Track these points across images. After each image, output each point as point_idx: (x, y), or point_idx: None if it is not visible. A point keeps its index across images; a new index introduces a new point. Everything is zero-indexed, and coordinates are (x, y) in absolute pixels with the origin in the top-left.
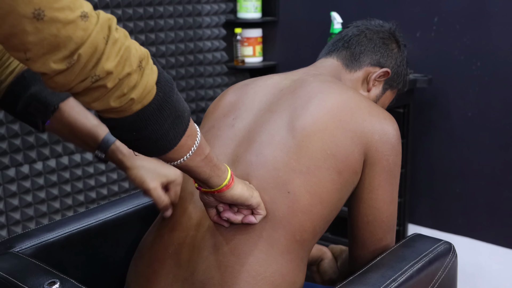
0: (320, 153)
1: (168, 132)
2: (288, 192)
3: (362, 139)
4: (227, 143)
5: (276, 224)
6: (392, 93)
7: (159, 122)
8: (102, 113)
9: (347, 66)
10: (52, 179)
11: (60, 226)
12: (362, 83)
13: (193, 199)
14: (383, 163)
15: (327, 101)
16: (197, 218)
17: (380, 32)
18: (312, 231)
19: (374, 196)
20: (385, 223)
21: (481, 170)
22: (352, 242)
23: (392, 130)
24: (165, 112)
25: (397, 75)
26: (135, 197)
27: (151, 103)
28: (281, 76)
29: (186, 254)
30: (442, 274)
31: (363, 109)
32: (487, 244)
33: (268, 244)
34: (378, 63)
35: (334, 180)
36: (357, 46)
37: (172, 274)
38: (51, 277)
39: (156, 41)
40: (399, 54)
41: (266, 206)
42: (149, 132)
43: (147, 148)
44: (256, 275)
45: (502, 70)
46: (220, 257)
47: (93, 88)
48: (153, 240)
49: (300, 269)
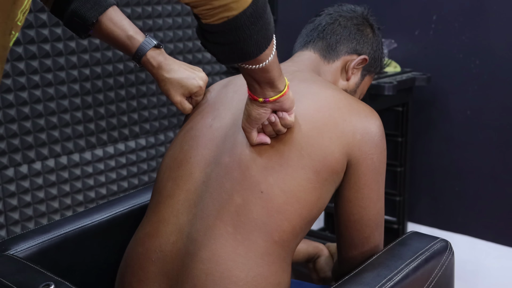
0: (294, 153)
1: (270, 23)
2: (262, 192)
3: (343, 140)
4: (205, 143)
5: (251, 226)
6: (371, 77)
7: (268, 12)
8: (218, 13)
9: (324, 57)
10: (51, 179)
11: (55, 227)
12: (341, 73)
13: (169, 203)
14: (368, 163)
15: (303, 102)
16: (174, 223)
17: (353, 18)
18: (292, 231)
19: (360, 196)
20: (372, 221)
21: (480, 168)
22: (341, 242)
23: (375, 127)
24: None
25: (374, 60)
26: (131, 198)
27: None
28: None
29: (170, 262)
30: (439, 272)
31: (342, 108)
32: (486, 242)
33: (245, 247)
34: (355, 51)
35: (311, 179)
36: (332, 35)
37: (158, 283)
38: (46, 279)
39: None
40: (375, 39)
41: (239, 209)
42: (262, 24)
43: (256, 44)
44: (238, 281)
45: (500, 68)
46: (200, 265)
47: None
48: (135, 248)
49: (284, 269)
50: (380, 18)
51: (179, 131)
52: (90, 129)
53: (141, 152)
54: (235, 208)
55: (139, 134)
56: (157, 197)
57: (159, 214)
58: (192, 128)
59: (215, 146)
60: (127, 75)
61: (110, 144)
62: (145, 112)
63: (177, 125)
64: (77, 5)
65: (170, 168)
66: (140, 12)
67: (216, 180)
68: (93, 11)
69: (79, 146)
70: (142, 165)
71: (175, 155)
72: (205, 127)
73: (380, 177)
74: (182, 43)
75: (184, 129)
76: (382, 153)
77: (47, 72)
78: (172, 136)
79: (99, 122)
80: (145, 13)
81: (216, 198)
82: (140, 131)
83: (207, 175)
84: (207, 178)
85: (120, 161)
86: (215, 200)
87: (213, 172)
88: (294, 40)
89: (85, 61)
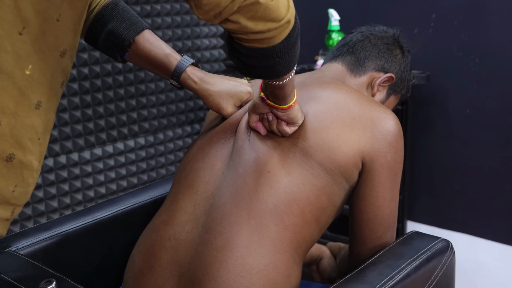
0: (305, 143)
1: (296, 53)
2: (269, 172)
3: (358, 136)
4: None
5: (262, 209)
6: (396, 98)
7: (297, 45)
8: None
9: (351, 71)
10: (50, 178)
11: (56, 225)
12: (367, 88)
13: (188, 193)
14: (381, 160)
15: (323, 95)
16: (191, 213)
17: (384, 37)
18: (301, 214)
19: (375, 194)
20: (385, 220)
21: (480, 167)
22: (352, 239)
23: (390, 127)
24: (299, 35)
25: (401, 81)
26: (132, 196)
27: (294, 27)
28: None
29: (183, 250)
30: (440, 272)
31: (360, 106)
32: (486, 241)
33: (259, 234)
34: (382, 69)
35: (320, 175)
36: (361, 51)
37: (169, 270)
38: (47, 276)
39: None
40: (403, 60)
41: (251, 192)
42: (289, 56)
43: (276, 72)
44: (250, 269)
45: (500, 67)
46: (215, 252)
47: (246, 6)
48: (149, 234)
49: (295, 261)
50: (379, 17)
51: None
52: (89, 128)
53: (140, 151)
54: (247, 191)
55: (138, 133)
56: (177, 186)
57: (177, 203)
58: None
59: (240, 137)
60: (126, 74)
61: (109, 143)
62: (144, 111)
63: (176, 123)
64: (114, 25)
65: (195, 159)
66: (139, 11)
67: (233, 168)
68: (130, 30)
69: (78, 145)
70: (141, 164)
71: (202, 146)
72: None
73: (394, 177)
74: (181, 42)
75: (215, 121)
76: (397, 153)
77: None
78: (171, 135)
79: (98, 121)
80: (144, 12)
81: (232, 185)
82: (139, 130)
83: (227, 167)
84: (227, 168)
85: (119, 160)
86: (231, 187)
87: (232, 162)
88: None
89: (84, 60)
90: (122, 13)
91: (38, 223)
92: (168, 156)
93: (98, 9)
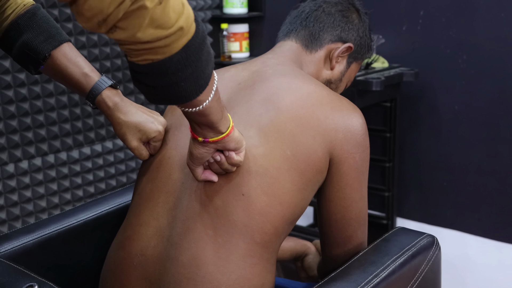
0: (279, 154)
1: (205, 69)
2: (243, 195)
3: (325, 138)
4: (184, 142)
5: (231, 228)
6: (358, 64)
7: (200, 58)
8: (143, 55)
9: (307, 47)
10: (38, 178)
11: (40, 227)
12: (325, 62)
13: (149, 206)
14: (350, 162)
15: (286, 98)
16: (155, 226)
17: (338, 3)
18: (274, 232)
19: (342, 195)
20: (354, 220)
21: (468, 163)
22: (324, 240)
23: (357, 125)
24: (204, 47)
25: (360, 47)
26: (117, 196)
27: (194, 36)
28: (238, 67)
29: (151, 266)
30: (426, 268)
31: (325, 105)
32: (474, 237)
33: (226, 250)
34: (339, 39)
35: (295, 181)
36: (315, 23)
37: (140, 287)
38: (29, 280)
39: None
40: (361, 25)
41: (219, 212)
42: (192, 70)
43: (184, 91)
44: (219, 285)
45: (488, 63)
46: (181, 269)
47: (133, 11)
48: (116, 252)
49: (268, 270)
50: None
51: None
52: (78, 127)
53: (129, 150)
54: (215, 210)
55: None
56: (137, 199)
57: (139, 217)
58: (171, 126)
59: None
60: (114, 73)
61: (98, 142)
62: None
63: None
64: (29, 37)
65: (150, 169)
66: (85, 41)
67: (195, 182)
68: (47, 44)
69: (66, 144)
70: (130, 163)
71: (154, 156)
72: (184, 126)
73: (362, 176)
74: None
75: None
76: (365, 152)
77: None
78: None
79: (86, 120)
80: (90, 42)
81: (195, 200)
82: None
83: (186, 176)
84: (186, 179)
85: (108, 159)
86: (194, 202)
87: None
88: None
89: None
90: (40, 23)
91: (26, 223)
92: None
93: (14, 17)
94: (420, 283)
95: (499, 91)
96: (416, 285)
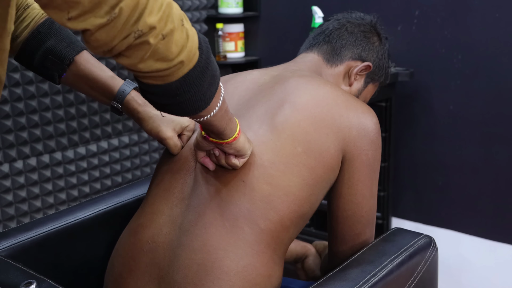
0: (289, 150)
1: (206, 92)
2: (243, 181)
3: (339, 135)
4: None
5: (235, 212)
6: (374, 86)
7: (201, 84)
8: (145, 78)
9: (328, 60)
10: (33, 178)
11: (38, 225)
12: (344, 78)
13: (165, 196)
14: (362, 158)
15: (302, 97)
16: (168, 215)
17: (361, 25)
18: (279, 221)
19: (354, 191)
20: (364, 217)
21: (463, 163)
22: (331, 237)
23: (371, 124)
24: (207, 73)
25: (378, 69)
26: (115, 195)
27: (195, 66)
28: (261, 71)
29: (161, 253)
30: (423, 268)
31: (340, 104)
32: (470, 237)
33: (234, 235)
34: (359, 57)
35: (304, 176)
36: (338, 40)
37: (148, 273)
38: (28, 277)
39: None
40: (381, 47)
41: (224, 196)
42: (190, 95)
43: (183, 110)
44: (229, 271)
45: (482, 63)
46: (192, 255)
47: (136, 45)
48: (127, 238)
49: (275, 262)
50: (362, 13)
51: None
52: (73, 127)
53: (124, 149)
54: (220, 195)
55: (122, 132)
56: (154, 190)
57: (154, 205)
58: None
59: None
60: None
61: (93, 141)
62: None
63: None
64: (52, 43)
65: (171, 160)
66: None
67: (206, 171)
68: (70, 49)
69: (61, 144)
70: (125, 163)
71: None
72: None
73: (374, 174)
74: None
75: None
76: (377, 150)
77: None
78: None
79: (81, 119)
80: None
81: (205, 188)
82: (123, 128)
83: (203, 167)
84: (202, 170)
85: (103, 158)
86: (204, 190)
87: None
88: (276, 35)
89: None
90: (60, 31)
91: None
92: (152, 154)
93: (34, 26)
94: (417, 283)
95: (494, 91)
96: (413, 285)
